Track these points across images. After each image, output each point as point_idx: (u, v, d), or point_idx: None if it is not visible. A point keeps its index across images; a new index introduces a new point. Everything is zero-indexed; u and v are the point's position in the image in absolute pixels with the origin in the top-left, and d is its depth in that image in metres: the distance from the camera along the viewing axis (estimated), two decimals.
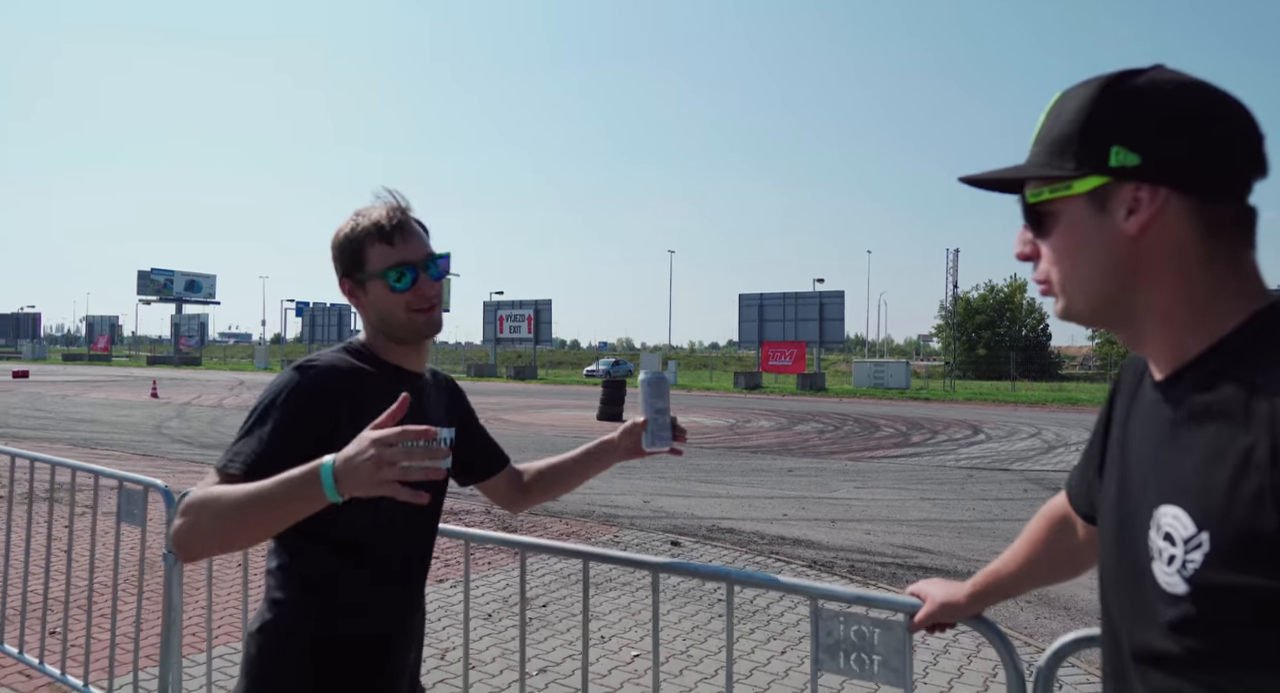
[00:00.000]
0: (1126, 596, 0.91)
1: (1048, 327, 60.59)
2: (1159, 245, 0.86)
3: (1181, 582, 0.80)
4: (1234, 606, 0.77)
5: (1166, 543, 0.82)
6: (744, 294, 43.41)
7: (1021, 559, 1.39)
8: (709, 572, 1.96)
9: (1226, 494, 0.77)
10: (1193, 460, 0.82)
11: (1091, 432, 1.14)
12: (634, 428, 1.79)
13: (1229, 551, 0.76)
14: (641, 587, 5.72)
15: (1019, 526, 7.38)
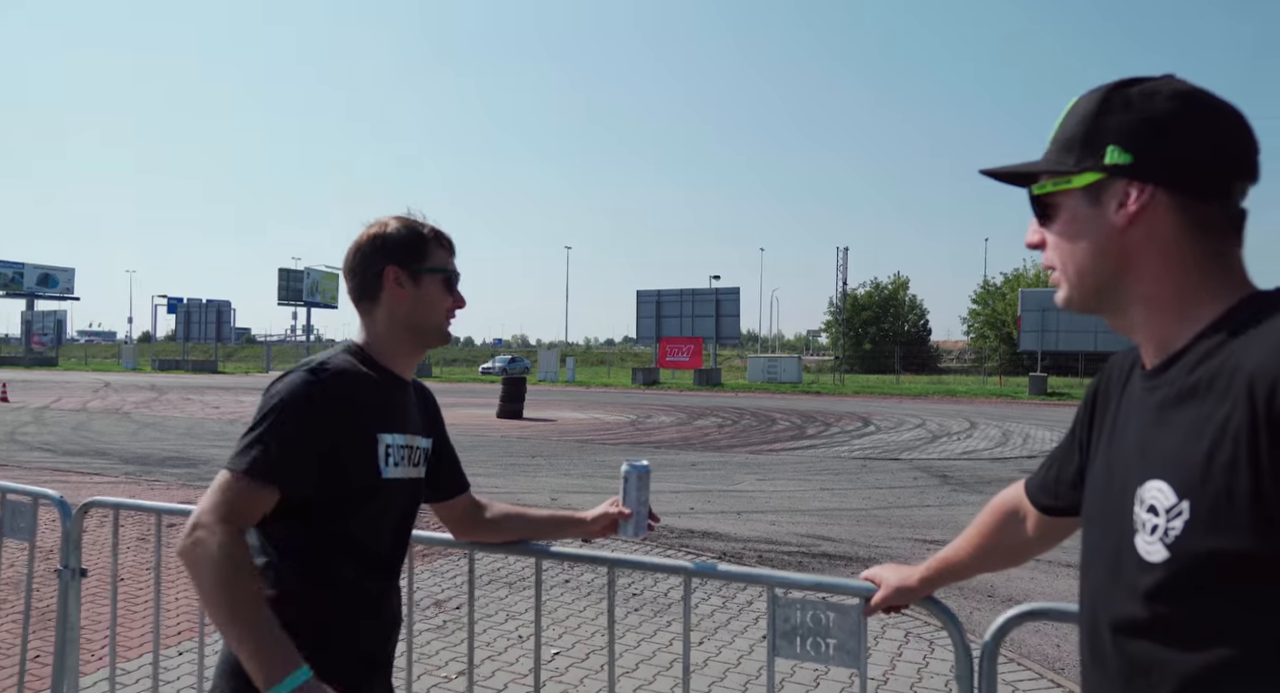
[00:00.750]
0: (1107, 572, 0.97)
1: (928, 322, 63.81)
2: (1147, 238, 0.94)
3: (1162, 549, 0.87)
4: (1206, 569, 0.84)
5: (1150, 515, 0.89)
6: (642, 291, 43.76)
7: (972, 548, 1.47)
8: (668, 567, 1.98)
9: (1205, 463, 0.83)
10: (1177, 437, 0.88)
11: (1067, 430, 1.22)
12: (607, 517, 1.85)
13: (1206, 516, 0.83)
14: (554, 584, 5.70)
15: (913, 512, 7.81)
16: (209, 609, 1.33)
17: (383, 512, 1.53)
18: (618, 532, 1.85)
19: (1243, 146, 0.94)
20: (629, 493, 1.82)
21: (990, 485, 10.48)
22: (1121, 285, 0.97)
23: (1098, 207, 0.97)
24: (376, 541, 1.54)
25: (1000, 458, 13.24)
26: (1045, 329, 34.97)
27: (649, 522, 1.85)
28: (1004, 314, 51.50)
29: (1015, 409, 24.87)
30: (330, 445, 1.42)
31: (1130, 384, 1.04)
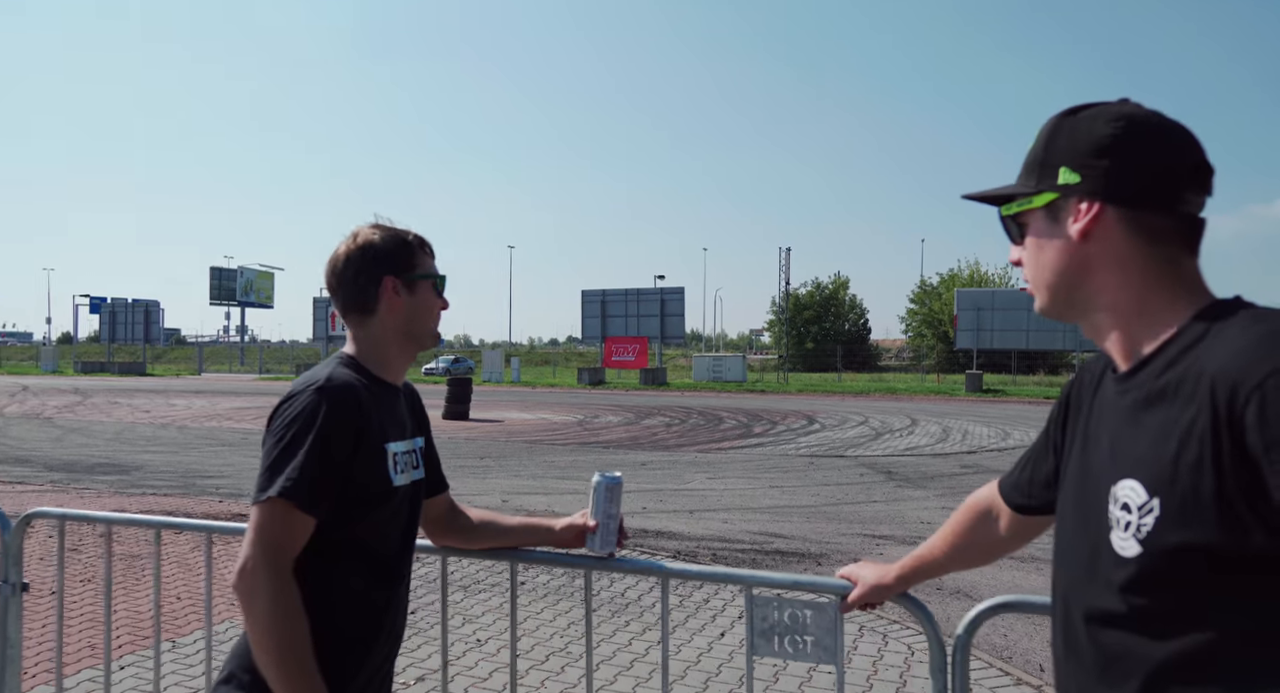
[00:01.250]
0: (1081, 567, 1.02)
1: (867, 321, 65.11)
2: (1101, 250, 1.02)
3: (1135, 544, 0.92)
4: (1176, 563, 0.89)
5: (1124, 512, 0.94)
6: (587, 290, 43.63)
7: (946, 546, 1.52)
8: (644, 567, 1.98)
9: (1173, 463, 0.89)
10: (1147, 438, 0.94)
11: (1040, 432, 1.27)
12: (575, 528, 1.84)
13: (1175, 513, 0.88)
14: (508, 587, 5.66)
15: (860, 508, 7.99)
16: (256, 649, 1.38)
17: (392, 518, 1.56)
18: (586, 546, 1.83)
19: (1187, 161, 1.00)
20: (597, 505, 1.81)
21: (934, 481, 10.75)
22: (1085, 294, 1.04)
23: (1057, 223, 1.05)
24: (385, 547, 1.56)
25: (942, 454, 13.59)
26: (980, 328, 36.01)
27: (618, 537, 1.83)
28: (940, 313, 52.87)
29: (953, 406, 25.56)
30: (347, 461, 1.45)
31: (1102, 388, 1.09)
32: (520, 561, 1.97)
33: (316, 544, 1.46)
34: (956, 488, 10.19)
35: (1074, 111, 1.05)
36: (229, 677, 1.48)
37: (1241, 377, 0.84)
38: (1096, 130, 1.01)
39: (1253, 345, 0.86)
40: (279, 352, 67.55)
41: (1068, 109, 1.06)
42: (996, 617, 1.71)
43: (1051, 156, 1.04)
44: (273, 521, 1.39)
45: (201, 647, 4.40)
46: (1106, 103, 1.04)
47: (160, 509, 8.02)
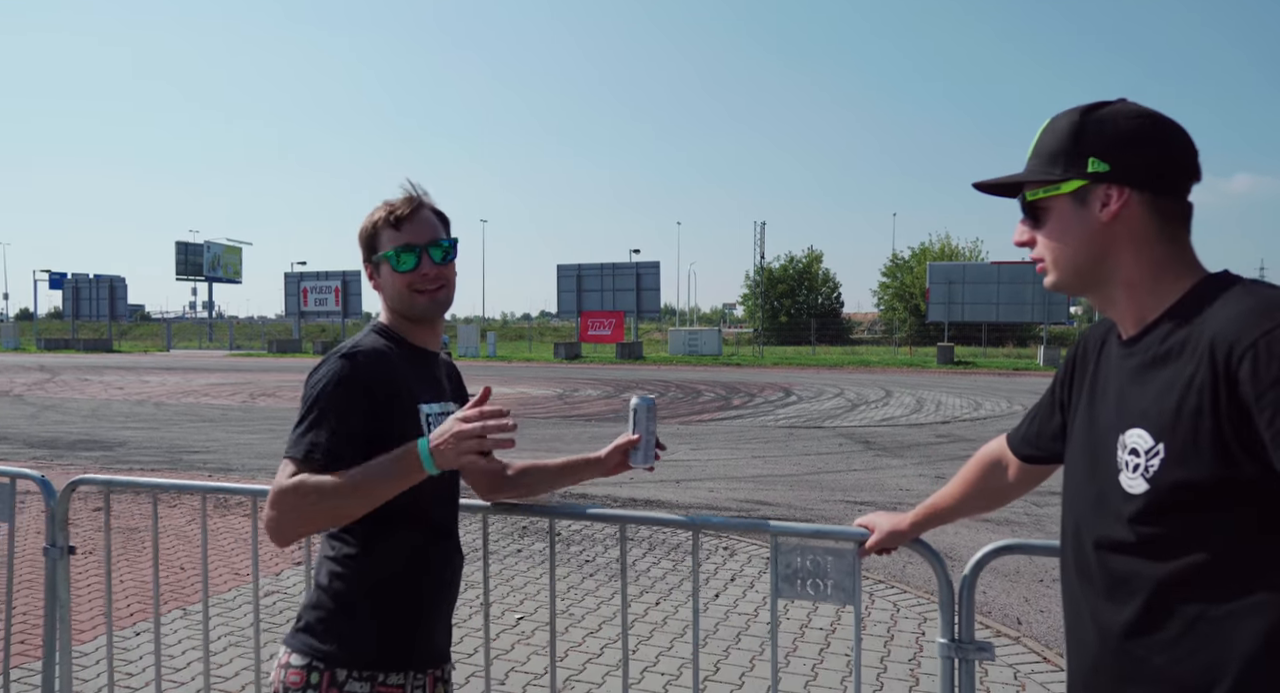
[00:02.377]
0: (1092, 504, 1.19)
1: (840, 295, 65.64)
2: (1124, 230, 1.17)
3: (1143, 482, 1.09)
4: (1177, 495, 1.06)
5: (1132, 456, 1.11)
6: (562, 265, 43.51)
7: (958, 494, 1.69)
8: (676, 522, 2.15)
9: (1175, 413, 1.06)
10: (1152, 393, 1.11)
11: (1045, 392, 1.44)
12: (618, 450, 1.95)
13: (1178, 454, 1.05)
14: (507, 553, 5.82)
15: (841, 477, 8.26)
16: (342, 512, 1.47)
17: (434, 479, 1.61)
18: (629, 462, 1.94)
19: (1190, 153, 1.17)
20: (638, 423, 1.93)
21: (910, 450, 11.06)
22: (1104, 271, 1.19)
23: (1084, 207, 1.18)
24: (426, 502, 1.64)
25: (916, 424, 13.93)
26: (951, 301, 36.53)
27: (656, 451, 1.95)
28: (912, 287, 53.48)
29: (925, 378, 26.04)
30: (376, 423, 1.53)
31: (1106, 352, 1.26)
32: (559, 516, 2.12)
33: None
34: (932, 456, 10.50)
35: (1094, 108, 1.19)
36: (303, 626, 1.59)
37: (1236, 338, 1.00)
38: (1121, 125, 1.16)
39: (1245, 313, 1.02)
40: (249, 328, 66.70)
41: (1086, 106, 1.20)
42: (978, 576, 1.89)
43: (1077, 148, 1.17)
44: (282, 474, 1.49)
45: (223, 608, 4.53)
46: (1115, 102, 1.20)
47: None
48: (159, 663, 2.70)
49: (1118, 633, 1.13)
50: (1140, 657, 1.10)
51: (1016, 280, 34.99)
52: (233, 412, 15.78)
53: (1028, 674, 3.89)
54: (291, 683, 1.54)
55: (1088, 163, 1.16)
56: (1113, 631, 1.14)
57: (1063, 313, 36.07)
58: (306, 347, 47.92)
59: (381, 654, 1.56)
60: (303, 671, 1.54)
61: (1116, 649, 1.13)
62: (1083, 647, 1.21)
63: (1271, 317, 1.00)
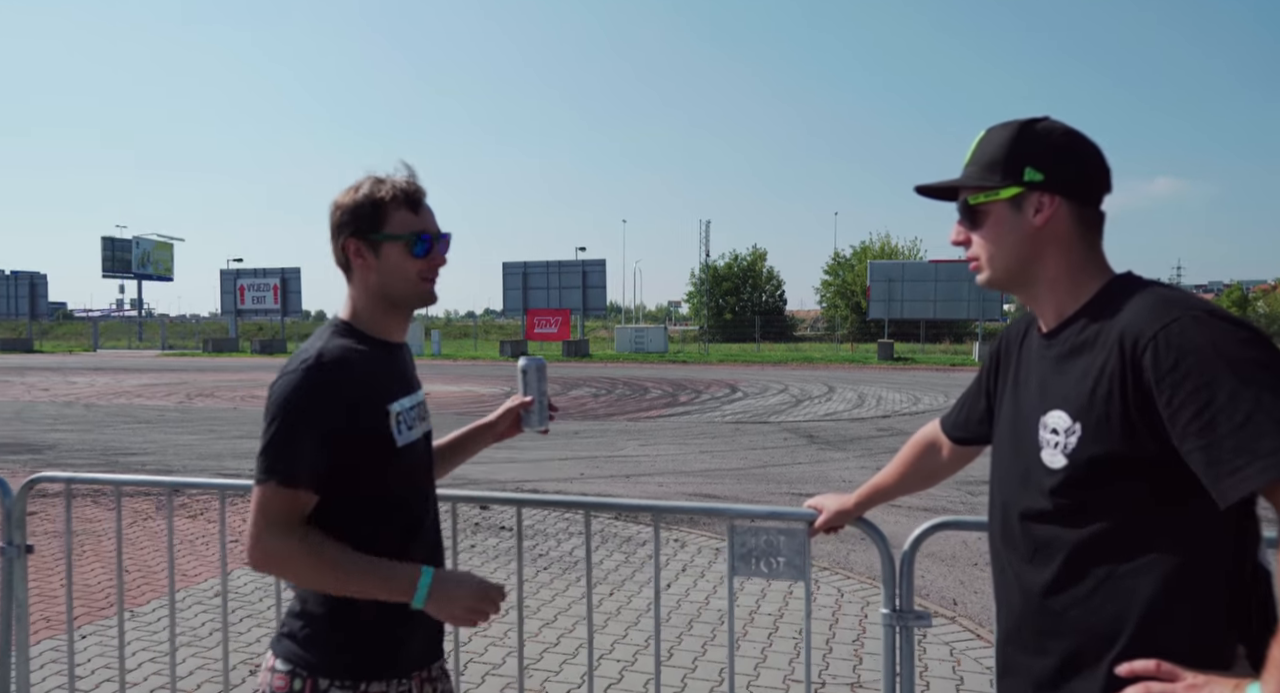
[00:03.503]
0: (1017, 478, 1.34)
1: (784, 292, 66.63)
2: (1052, 235, 1.31)
3: (1062, 457, 1.24)
4: (1091, 468, 1.21)
5: (1053, 435, 1.26)
6: (508, 262, 43.25)
7: (897, 474, 1.85)
8: (639, 507, 2.26)
9: (1090, 396, 1.21)
10: (1071, 379, 1.26)
11: (973, 381, 1.60)
12: (510, 412, 1.92)
13: (1093, 432, 1.20)
14: (460, 549, 5.87)
15: (786, 470, 8.50)
16: (324, 591, 1.50)
17: (407, 473, 1.61)
18: (521, 426, 1.92)
19: (1107, 169, 1.32)
20: (529, 384, 1.89)
21: (853, 443, 11.38)
22: (1032, 271, 1.33)
23: (1019, 212, 1.31)
24: (405, 499, 1.61)
25: (859, 418, 14.31)
26: (891, 299, 37.46)
27: (549, 413, 1.94)
28: (853, 284, 54.61)
29: (867, 373, 26.68)
30: (342, 432, 1.47)
31: (1027, 344, 1.41)
32: (526, 506, 2.21)
33: (340, 507, 1.51)
34: (874, 449, 10.83)
35: (1030, 123, 1.32)
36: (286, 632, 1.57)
37: (1140, 332, 1.15)
38: (1055, 140, 1.30)
39: (1148, 309, 1.18)
40: (182, 326, 64.62)
41: (1023, 121, 1.32)
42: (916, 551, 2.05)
43: (1015, 158, 1.29)
44: (274, 503, 1.45)
45: (174, 609, 4.49)
46: (1044, 118, 1.33)
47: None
48: (123, 664, 2.71)
49: (1039, 593, 1.28)
50: (1058, 612, 1.25)
51: (953, 278, 36.02)
52: (169, 412, 15.36)
53: (963, 651, 4.11)
54: (277, 687, 1.53)
55: (1024, 172, 1.29)
56: (1034, 591, 1.29)
57: (996, 310, 37.24)
58: (244, 346, 46.69)
59: (362, 662, 1.54)
60: (287, 676, 1.53)
61: (1038, 607, 1.28)
62: (1009, 608, 1.36)
63: (1169, 312, 1.15)
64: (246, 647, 4.14)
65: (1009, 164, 1.30)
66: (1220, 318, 1.13)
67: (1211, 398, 1.06)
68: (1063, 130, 1.31)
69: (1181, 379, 1.09)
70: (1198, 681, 1.10)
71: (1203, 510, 1.13)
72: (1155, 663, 1.13)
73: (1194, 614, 1.15)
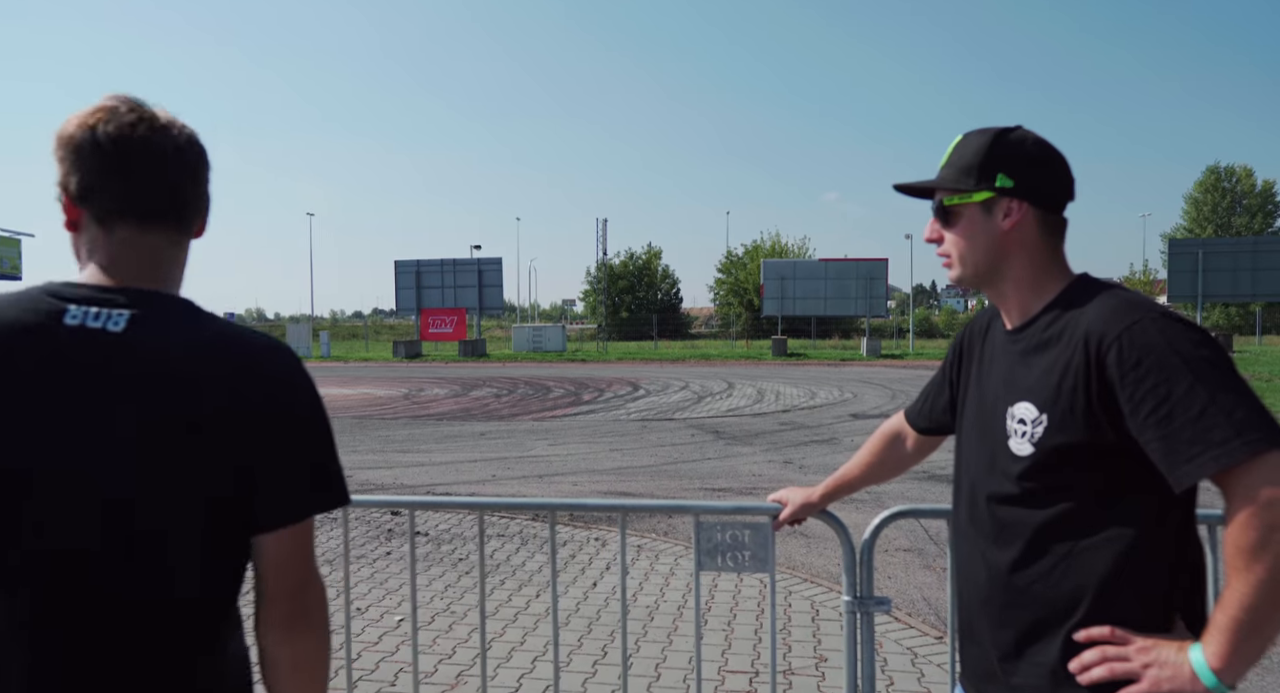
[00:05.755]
0: (984, 464, 1.44)
1: (679, 290, 67.53)
2: (1020, 238, 1.41)
3: (1029, 446, 1.33)
4: (1056, 455, 1.31)
5: (1020, 424, 1.35)
6: (400, 260, 42.08)
7: (864, 466, 1.93)
8: (606, 506, 2.26)
9: (1056, 389, 1.30)
10: (1037, 373, 1.35)
11: (936, 372, 1.71)
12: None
13: (1058, 422, 1.30)
14: (376, 557, 5.69)
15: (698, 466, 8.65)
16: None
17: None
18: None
19: (1071, 179, 1.43)
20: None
21: (758, 438, 11.67)
22: (1000, 270, 1.43)
23: (989, 216, 1.41)
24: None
25: (760, 413, 14.68)
26: (784, 296, 38.58)
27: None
28: (746, 282, 55.92)
29: (763, 370, 27.39)
30: None
31: (990, 338, 1.51)
32: (489, 511, 2.17)
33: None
34: (778, 442, 11.14)
35: (1005, 132, 1.41)
36: None
37: (1104, 332, 1.25)
38: (1027, 149, 1.40)
39: (1111, 310, 1.28)
40: None
41: (998, 130, 1.42)
42: (876, 540, 2.14)
43: (989, 164, 1.39)
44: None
45: None
46: (1019, 127, 1.43)
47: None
48: None
49: (1004, 569, 1.38)
50: (1022, 587, 1.35)
51: (842, 277, 37.46)
52: None
53: (919, 652, 4.30)
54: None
55: (996, 178, 1.38)
56: (1000, 568, 1.38)
57: (881, 307, 38.92)
58: None
59: None
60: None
61: (1004, 583, 1.38)
62: (974, 585, 1.46)
63: (1131, 314, 1.25)
64: None
65: (983, 169, 1.39)
66: (1175, 321, 1.24)
67: (1169, 393, 1.17)
68: (1034, 140, 1.41)
69: (1143, 376, 1.19)
70: (1146, 644, 1.22)
71: (1152, 494, 1.24)
72: (1109, 629, 1.25)
73: (1144, 586, 1.27)
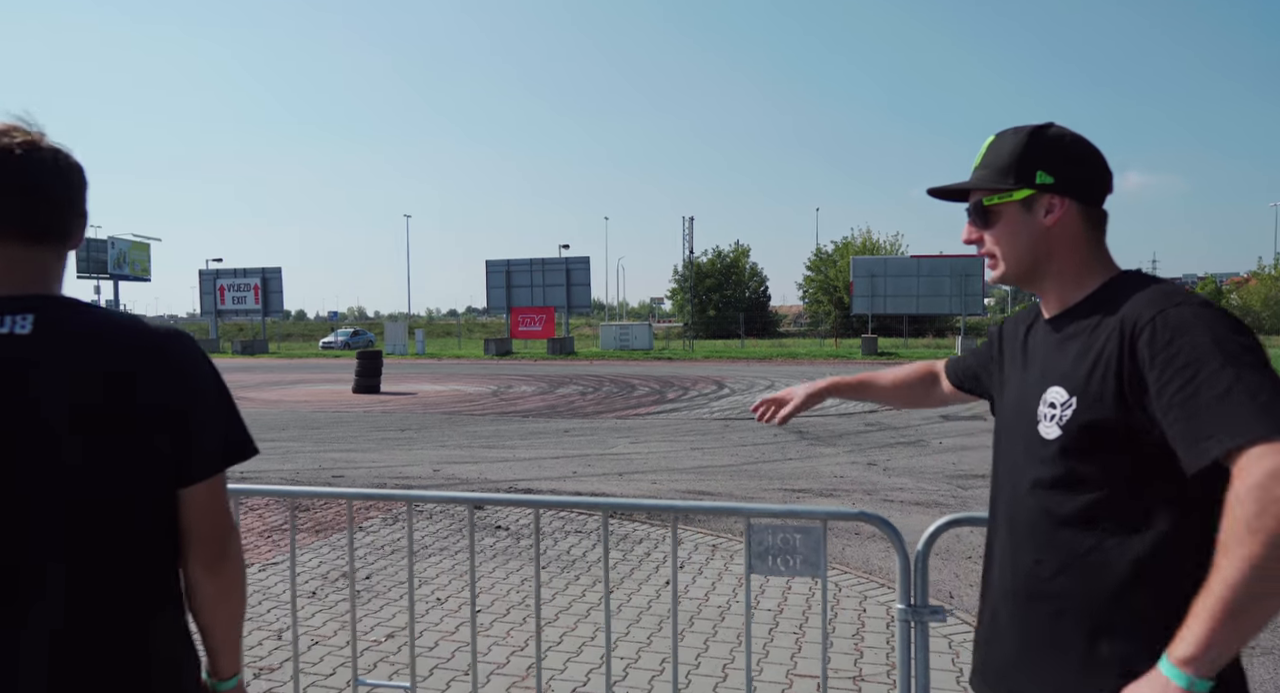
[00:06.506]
0: (1020, 449, 1.41)
1: (767, 288, 66.90)
2: (1062, 233, 1.39)
3: (1057, 428, 1.31)
4: (1083, 436, 1.28)
5: (1050, 408, 1.34)
6: (491, 260, 43.17)
7: (893, 382, 1.98)
8: (653, 507, 2.29)
9: (1088, 375, 1.29)
10: (1070, 359, 1.34)
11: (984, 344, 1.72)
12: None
13: (1086, 406, 1.28)
14: (432, 553, 5.88)
15: (779, 466, 8.55)
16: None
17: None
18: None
19: (1109, 172, 1.41)
20: None
21: (842, 438, 11.47)
22: (1043, 266, 1.42)
23: (1030, 213, 1.39)
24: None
25: (846, 414, 14.42)
26: (875, 294, 37.74)
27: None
28: (835, 280, 54.94)
29: (851, 369, 26.86)
30: None
31: (1034, 331, 1.49)
32: (544, 508, 2.24)
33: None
34: (862, 444, 10.93)
35: (1040, 130, 1.40)
36: None
37: (1139, 316, 1.24)
38: (1065, 145, 1.38)
39: (1148, 297, 1.26)
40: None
41: (1033, 127, 1.40)
42: (931, 548, 2.10)
43: (1027, 162, 1.37)
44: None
45: None
46: (1055, 124, 1.41)
47: None
48: None
49: (1029, 561, 1.36)
50: (1046, 577, 1.33)
51: (935, 274, 36.34)
52: None
53: (960, 643, 4.18)
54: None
55: (1036, 175, 1.37)
56: (1025, 559, 1.37)
57: (978, 305, 37.61)
58: (225, 346, 46.29)
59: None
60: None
61: (1028, 573, 1.36)
62: (1001, 577, 1.44)
63: (1168, 300, 1.23)
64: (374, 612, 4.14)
65: (1021, 168, 1.38)
66: (1214, 309, 1.22)
67: (1197, 373, 1.14)
68: (1072, 137, 1.40)
69: (1173, 356, 1.17)
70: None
71: (1180, 488, 1.21)
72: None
73: (1164, 585, 1.23)
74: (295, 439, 11.70)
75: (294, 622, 2.74)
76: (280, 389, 21.11)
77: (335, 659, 3.99)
